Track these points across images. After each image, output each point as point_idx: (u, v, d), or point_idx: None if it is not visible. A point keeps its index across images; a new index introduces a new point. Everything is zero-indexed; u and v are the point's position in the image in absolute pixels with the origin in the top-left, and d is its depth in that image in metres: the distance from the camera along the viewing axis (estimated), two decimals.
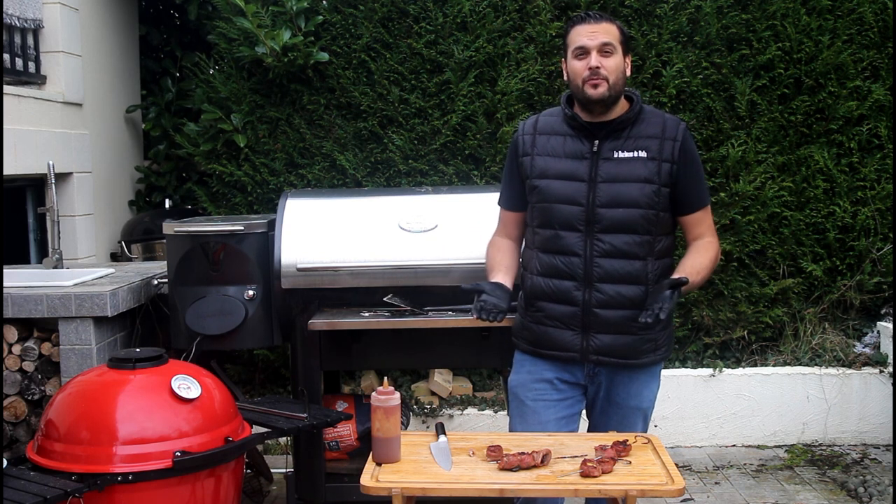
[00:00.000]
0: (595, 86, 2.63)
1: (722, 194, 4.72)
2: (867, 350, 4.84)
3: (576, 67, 2.67)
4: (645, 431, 2.78)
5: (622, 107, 2.72)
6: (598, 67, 2.63)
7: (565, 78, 2.75)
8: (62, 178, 4.96)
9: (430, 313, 3.28)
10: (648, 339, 2.72)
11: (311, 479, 3.50)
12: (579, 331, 2.70)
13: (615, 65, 2.65)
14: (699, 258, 2.72)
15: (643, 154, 2.67)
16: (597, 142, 2.69)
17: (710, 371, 4.76)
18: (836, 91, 4.76)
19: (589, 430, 2.85)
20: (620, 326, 2.69)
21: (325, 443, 3.60)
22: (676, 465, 2.46)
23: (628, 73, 2.72)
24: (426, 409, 4.68)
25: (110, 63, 5.66)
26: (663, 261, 2.73)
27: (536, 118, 2.83)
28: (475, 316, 2.64)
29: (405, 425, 3.88)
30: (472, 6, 4.77)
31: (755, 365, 4.83)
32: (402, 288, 3.36)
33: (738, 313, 4.82)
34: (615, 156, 2.67)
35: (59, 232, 4.02)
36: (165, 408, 2.71)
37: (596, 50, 2.64)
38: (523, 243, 2.88)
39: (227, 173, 4.92)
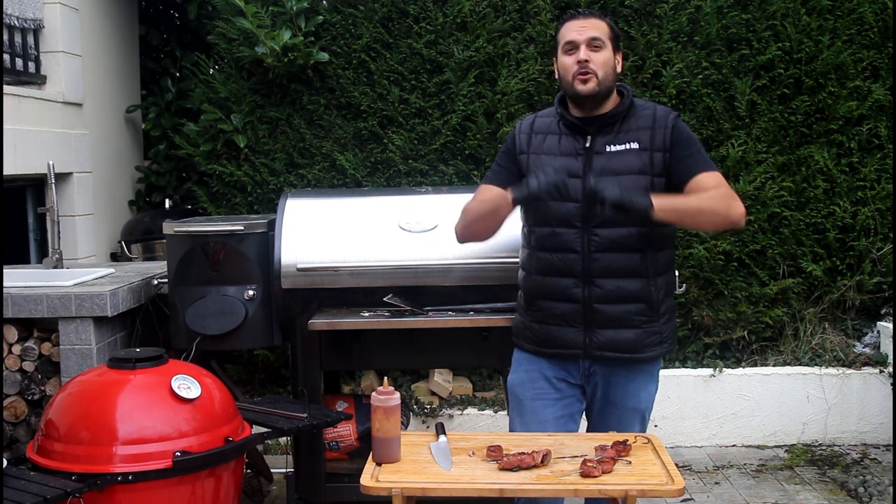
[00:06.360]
0: (584, 81, 2.64)
1: None
2: (867, 350, 4.83)
3: (565, 62, 2.69)
4: (643, 432, 2.77)
5: (613, 101, 2.72)
6: (586, 61, 2.64)
7: (556, 76, 2.76)
8: (62, 178, 4.95)
9: (430, 313, 3.28)
10: (653, 331, 2.71)
11: (311, 479, 3.50)
12: (581, 327, 2.70)
13: (604, 59, 2.66)
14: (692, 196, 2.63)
15: (635, 146, 2.67)
16: (589, 137, 2.70)
17: (710, 371, 4.76)
18: (836, 91, 4.75)
19: (588, 431, 2.84)
20: (623, 321, 2.68)
21: (325, 443, 3.60)
22: (676, 465, 2.46)
23: (619, 69, 2.73)
24: (426, 409, 4.68)
25: (110, 63, 5.65)
26: (664, 252, 2.73)
27: (534, 118, 2.84)
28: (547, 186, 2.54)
29: (405, 425, 3.88)
30: (472, 6, 4.76)
31: (755, 365, 4.83)
32: (402, 288, 3.36)
33: (738, 313, 4.81)
34: (607, 150, 2.68)
35: (59, 232, 4.01)
36: (165, 408, 2.71)
37: (584, 44, 2.65)
38: (522, 246, 2.87)
39: (227, 173, 4.92)
